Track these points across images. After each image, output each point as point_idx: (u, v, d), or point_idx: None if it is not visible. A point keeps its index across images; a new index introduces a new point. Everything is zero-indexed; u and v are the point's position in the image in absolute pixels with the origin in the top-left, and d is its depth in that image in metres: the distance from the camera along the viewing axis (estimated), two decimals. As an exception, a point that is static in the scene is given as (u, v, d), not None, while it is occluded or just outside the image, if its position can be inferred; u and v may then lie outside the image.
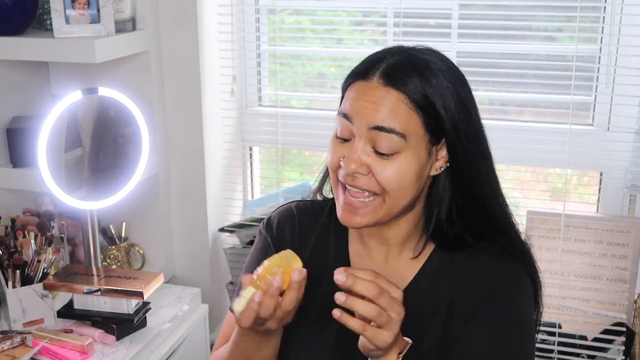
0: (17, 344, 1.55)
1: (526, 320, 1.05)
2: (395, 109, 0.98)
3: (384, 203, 1.00)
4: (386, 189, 0.99)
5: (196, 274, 2.04)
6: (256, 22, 2.01)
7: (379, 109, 0.98)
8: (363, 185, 1.00)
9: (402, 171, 0.99)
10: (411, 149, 0.99)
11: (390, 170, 0.98)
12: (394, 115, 0.98)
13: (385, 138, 0.98)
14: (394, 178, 0.99)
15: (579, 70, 1.73)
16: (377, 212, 1.01)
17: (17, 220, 1.73)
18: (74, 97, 1.60)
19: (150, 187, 1.94)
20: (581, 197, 1.91)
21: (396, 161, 0.98)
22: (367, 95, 0.99)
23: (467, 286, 1.04)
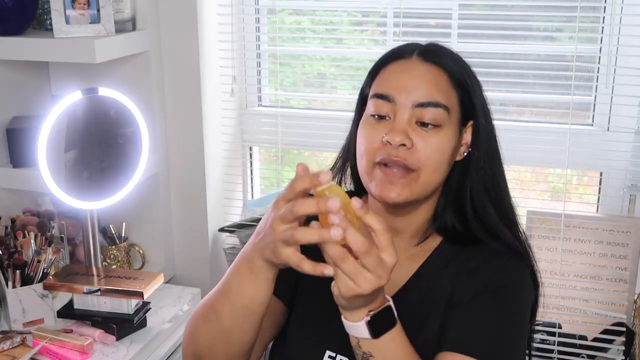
0: (17, 344, 1.55)
1: (521, 318, 1.05)
2: (438, 82, 1.02)
3: (419, 179, 1.00)
4: (425, 163, 1.00)
5: (196, 274, 2.04)
6: (256, 22, 2.01)
7: (423, 85, 1.01)
8: (405, 159, 0.99)
9: (442, 146, 1.01)
10: (451, 125, 1.02)
11: (433, 143, 1.00)
12: (437, 90, 1.01)
13: (431, 112, 1.00)
14: (435, 151, 1.00)
15: (579, 70, 1.73)
16: (414, 187, 1.00)
17: (17, 220, 1.73)
18: (74, 97, 1.60)
19: (150, 187, 1.94)
20: (581, 197, 1.91)
21: (439, 135, 1.01)
22: (409, 71, 1.03)
23: (468, 281, 1.04)
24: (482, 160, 1.06)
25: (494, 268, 1.05)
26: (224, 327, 0.98)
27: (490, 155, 1.08)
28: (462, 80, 1.04)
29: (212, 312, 1.00)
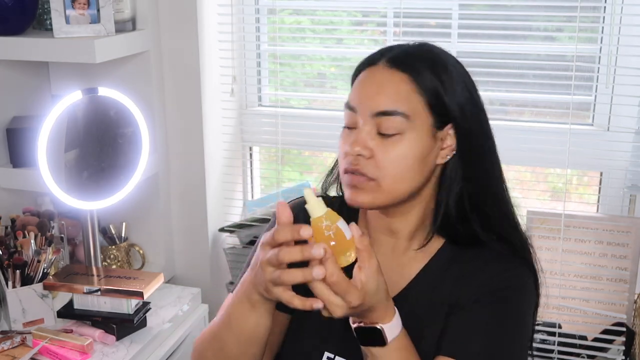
0: (17, 344, 1.55)
1: (524, 319, 1.05)
2: (398, 89, 1.00)
3: (380, 188, 1.00)
4: (384, 173, 1.00)
5: (196, 274, 2.04)
6: (256, 22, 2.01)
7: (382, 92, 1.00)
8: (364, 169, 1.00)
9: (403, 154, 0.99)
10: (414, 131, 1.00)
11: (393, 152, 0.99)
12: (396, 97, 0.99)
13: (389, 120, 0.99)
14: (395, 160, 0.99)
15: (579, 70, 1.73)
16: (377, 194, 1.01)
17: (17, 220, 1.73)
18: (74, 97, 1.60)
19: (150, 187, 1.94)
20: (581, 197, 1.91)
21: (400, 144, 0.99)
22: (371, 80, 1.02)
23: (471, 285, 1.04)
24: (471, 161, 1.05)
25: (496, 272, 1.05)
26: (231, 356, 1.03)
27: (482, 155, 1.07)
28: (430, 85, 1.01)
29: (217, 342, 1.04)
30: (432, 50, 1.07)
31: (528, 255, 1.08)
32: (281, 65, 2.03)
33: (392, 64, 1.02)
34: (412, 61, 1.03)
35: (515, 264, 1.06)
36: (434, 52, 1.06)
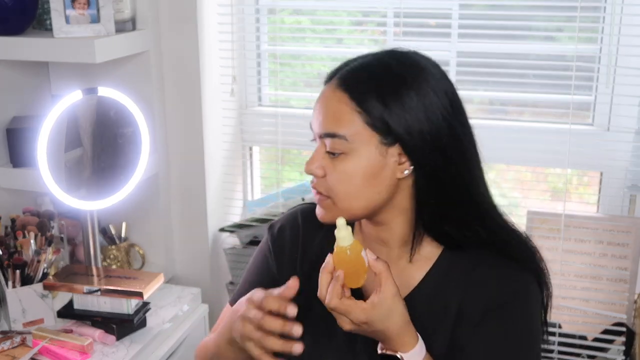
0: (17, 344, 1.55)
1: (533, 328, 1.05)
2: (340, 110, 1.00)
3: (335, 205, 1.03)
4: (334, 191, 1.02)
5: (196, 274, 2.04)
6: (256, 22, 2.01)
7: (326, 114, 1.02)
8: (318, 187, 1.04)
9: (348, 172, 1.00)
10: (359, 150, 1.00)
11: (338, 171, 1.01)
12: (335, 119, 1.00)
13: (331, 142, 1.01)
14: (340, 179, 1.01)
15: (579, 70, 1.73)
16: (334, 211, 1.03)
17: (17, 220, 1.73)
18: (74, 97, 1.60)
19: (150, 187, 1.94)
20: (581, 197, 1.91)
21: (344, 162, 1.01)
22: (321, 100, 1.04)
23: (475, 294, 1.04)
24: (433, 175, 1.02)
25: (498, 281, 1.04)
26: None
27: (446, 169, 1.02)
28: (372, 109, 0.99)
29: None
30: (390, 68, 1.02)
31: (528, 255, 1.07)
32: (281, 65, 2.03)
33: (339, 82, 1.02)
34: (358, 82, 1.01)
35: (516, 271, 1.05)
36: (390, 72, 1.02)
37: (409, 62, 1.04)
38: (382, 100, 0.99)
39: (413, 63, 1.04)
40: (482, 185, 1.08)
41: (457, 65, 1.83)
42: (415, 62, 1.04)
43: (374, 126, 0.99)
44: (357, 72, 1.03)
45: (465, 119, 1.06)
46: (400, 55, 1.06)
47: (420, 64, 1.04)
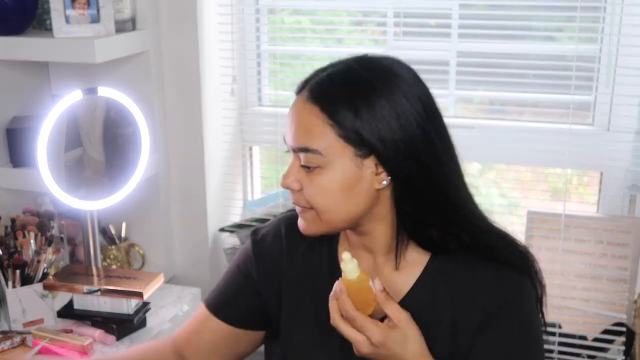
0: (17, 344, 1.56)
1: (533, 328, 1.05)
2: (311, 125, 0.99)
3: (318, 217, 1.02)
4: (314, 204, 1.01)
5: (196, 274, 2.04)
6: (256, 22, 2.01)
7: (298, 128, 1.00)
8: (297, 200, 1.03)
9: (324, 185, 0.99)
10: (334, 163, 0.98)
11: (314, 185, 1.00)
12: (309, 133, 0.99)
13: (305, 155, 0.99)
14: (317, 193, 1.00)
15: (579, 70, 1.73)
16: (318, 223, 1.03)
17: (17, 220, 1.73)
18: (74, 97, 1.60)
19: (150, 187, 1.94)
20: (581, 197, 1.91)
21: (319, 176, 0.99)
22: (292, 112, 1.03)
23: (469, 299, 1.03)
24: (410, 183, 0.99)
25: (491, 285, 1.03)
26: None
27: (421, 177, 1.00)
28: (343, 121, 0.96)
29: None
30: (359, 76, 0.99)
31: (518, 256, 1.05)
32: (281, 65, 2.03)
33: (309, 94, 1.00)
34: (328, 93, 0.99)
35: (507, 272, 1.04)
36: (359, 80, 0.99)
37: (379, 68, 1.01)
38: (353, 111, 0.96)
39: (384, 69, 1.01)
40: (462, 189, 1.06)
41: (457, 65, 1.83)
42: (385, 67, 1.01)
43: (347, 138, 0.97)
44: (326, 83, 1.00)
45: (441, 122, 1.03)
46: (369, 61, 1.02)
47: (391, 70, 1.01)
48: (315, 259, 1.14)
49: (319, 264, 1.14)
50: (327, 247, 1.15)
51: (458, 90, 1.86)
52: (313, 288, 1.12)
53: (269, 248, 1.19)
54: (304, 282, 1.14)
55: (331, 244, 1.15)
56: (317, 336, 1.10)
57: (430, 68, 1.86)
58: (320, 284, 1.10)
